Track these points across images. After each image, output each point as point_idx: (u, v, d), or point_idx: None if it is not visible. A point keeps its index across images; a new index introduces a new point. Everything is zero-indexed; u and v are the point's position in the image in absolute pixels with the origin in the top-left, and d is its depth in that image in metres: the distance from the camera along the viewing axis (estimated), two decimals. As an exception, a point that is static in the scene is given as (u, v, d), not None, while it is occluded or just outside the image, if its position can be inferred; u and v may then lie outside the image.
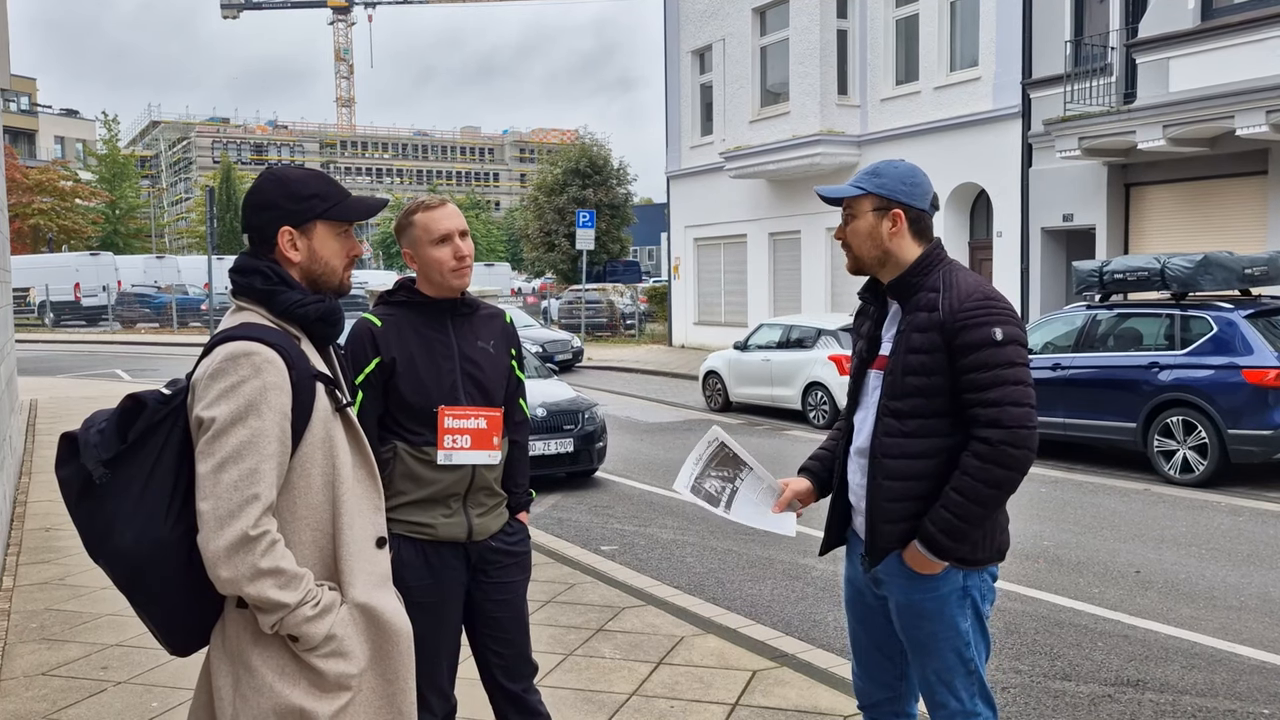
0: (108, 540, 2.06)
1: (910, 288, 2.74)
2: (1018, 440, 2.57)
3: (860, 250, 2.81)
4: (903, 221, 2.76)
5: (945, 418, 2.67)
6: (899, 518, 2.70)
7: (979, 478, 2.58)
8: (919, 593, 2.74)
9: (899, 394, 2.68)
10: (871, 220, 2.78)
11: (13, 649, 5.11)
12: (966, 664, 2.76)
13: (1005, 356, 2.60)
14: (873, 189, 2.77)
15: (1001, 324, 2.62)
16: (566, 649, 5.11)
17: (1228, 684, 4.93)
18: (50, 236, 47.80)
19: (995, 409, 2.58)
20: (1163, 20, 14.46)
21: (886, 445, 2.70)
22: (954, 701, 2.77)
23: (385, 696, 2.20)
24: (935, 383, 2.65)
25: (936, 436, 2.67)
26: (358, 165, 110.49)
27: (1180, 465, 9.89)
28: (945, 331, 2.63)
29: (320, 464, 2.16)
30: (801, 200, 23.00)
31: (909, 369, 2.67)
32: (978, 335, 2.60)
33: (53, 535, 7.38)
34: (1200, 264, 10.09)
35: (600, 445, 10.25)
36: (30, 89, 63.29)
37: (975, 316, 2.62)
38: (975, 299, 2.64)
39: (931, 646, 2.76)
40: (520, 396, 3.19)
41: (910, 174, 2.79)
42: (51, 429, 12.51)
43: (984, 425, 2.59)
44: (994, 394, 2.58)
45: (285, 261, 2.26)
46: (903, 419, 2.68)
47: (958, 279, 2.70)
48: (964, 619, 2.74)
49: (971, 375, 2.60)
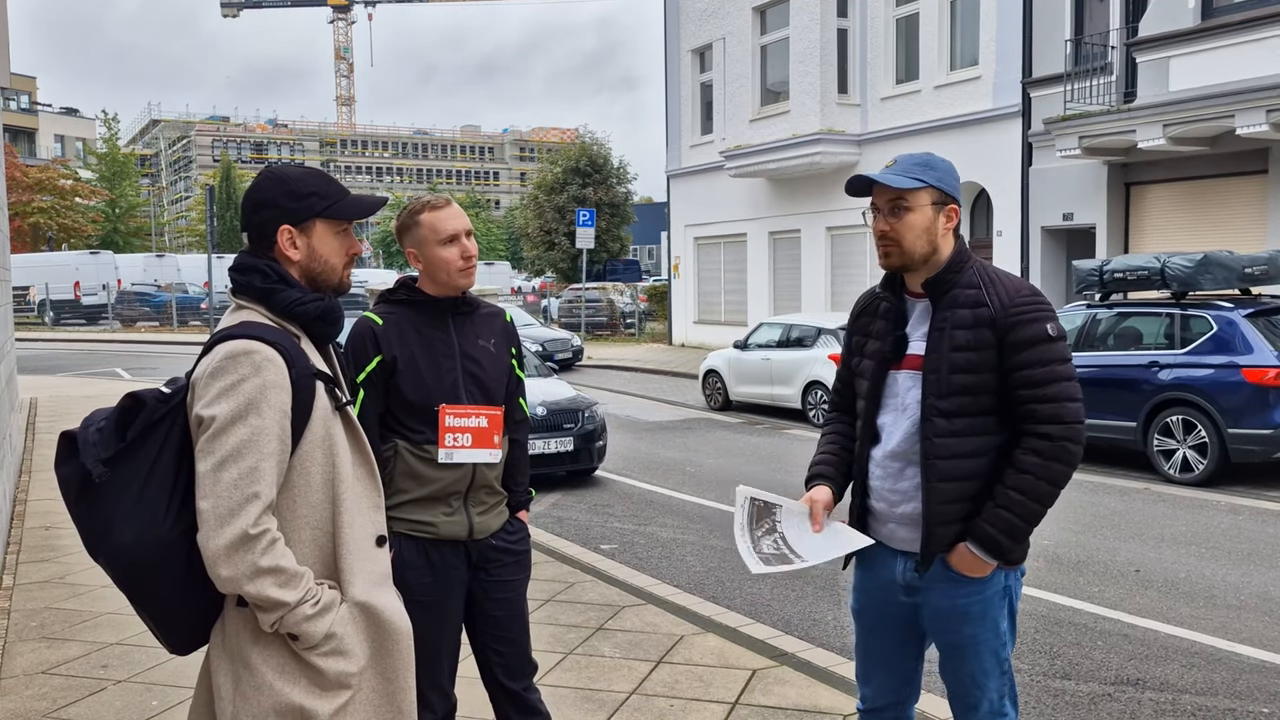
0: (107, 538, 2.06)
1: (946, 284, 2.67)
2: (1076, 435, 2.56)
3: (912, 245, 2.67)
4: (956, 217, 2.72)
5: (991, 416, 2.63)
6: (952, 519, 2.64)
7: (1041, 475, 2.55)
8: (964, 596, 2.68)
9: (945, 393, 2.62)
10: (929, 215, 2.68)
11: (13, 647, 5.11)
12: (1002, 664, 2.73)
13: (1058, 352, 2.58)
14: (933, 182, 2.68)
15: (1051, 320, 2.61)
16: (566, 648, 5.11)
17: (1227, 683, 4.93)
18: (50, 235, 47.79)
19: (1054, 404, 2.55)
20: (1163, 19, 14.45)
21: (937, 447, 2.62)
22: (985, 703, 2.74)
23: (385, 695, 2.20)
24: (983, 380, 2.60)
25: (985, 435, 2.63)
26: (357, 164, 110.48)
27: (1180, 464, 9.89)
28: (996, 328, 2.58)
29: (320, 463, 2.15)
30: (802, 199, 23.01)
31: (955, 367, 2.61)
32: (1032, 331, 2.57)
33: (53, 534, 7.38)
34: (1200, 263, 10.09)
35: (600, 444, 10.25)
36: (30, 88, 63.29)
37: (1028, 312, 2.59)
38: (1025, 295, 2.62)
39: (971, 649, 2.71)
40: (520, 395, 3.19)
41: (952, 168, 2.75)
42: (51, 428, 12.51)
43: (1043, 421, 2.55)
44: (1051, 390, 2.56)
45: (285, 260, 2.26)
46: (951, 419, 2.62)
47: (998, 275, 2.68)
48: (1003, 619, 2.72)
49: (1026, 372, 2.56)
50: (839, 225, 22.06)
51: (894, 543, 2.77)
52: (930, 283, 2.69)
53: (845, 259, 22.26)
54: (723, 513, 8.89)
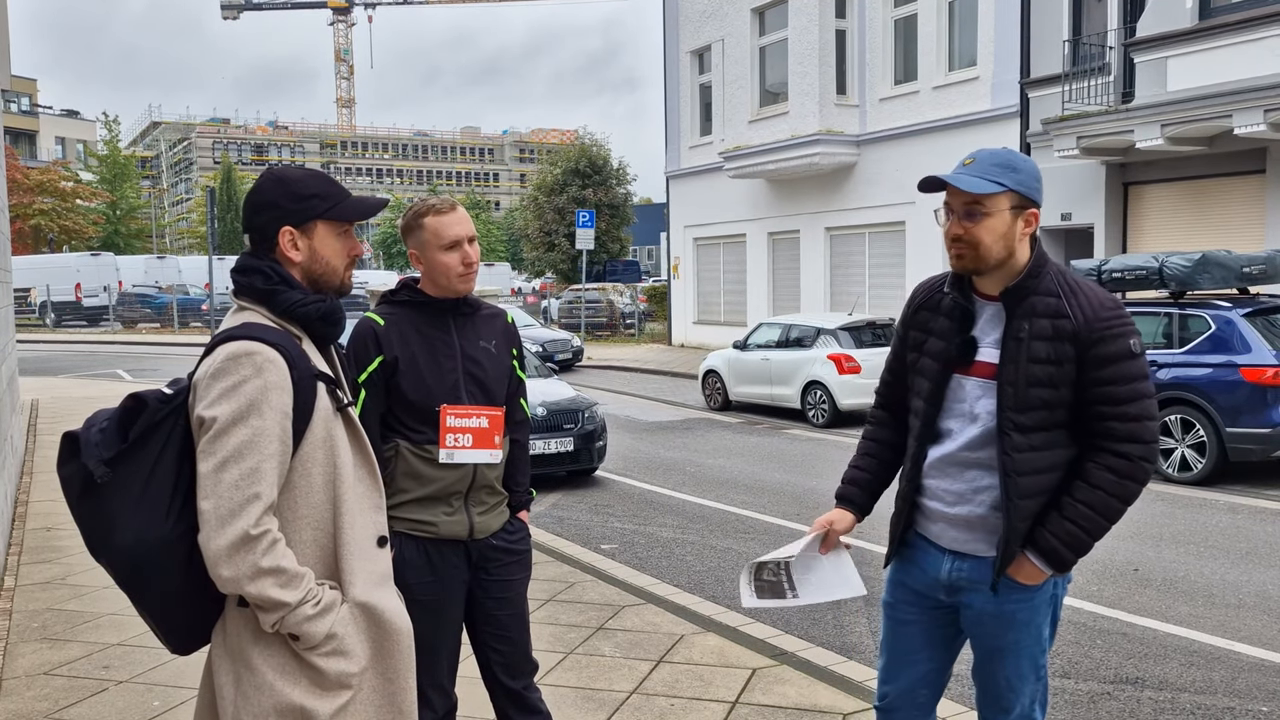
0: (109, 539, 2.07)
1: (1024, 291, 2.57)
2: (1153, 456, 2.54)
3: (989, 250, 2.55)
4: (1036, 222, 2.61)
5: (1064, 429, 2.57)
6: (1026, 533, 2.59)
7: (1114, 492, 2.51)
8: (1014, 602, 2.64)
9: (1023, 407, 2.53)
10: (1008, 219, 2.56)
11: (14, 648, 5.12)
12: (1038, 670, 2.71)
13: (1141, 369, 2.53)
14: (1013, 185, 2.55)
15: (1135, 335, 2.53)
16: (567, 647, 5.12)
17: (1226, 681, 4.95)
18: (51, 237, 47.80)
19: (1135, 424, 2.50)
20: (1161, 19, 14.47)
21: (1018, 462, 2.55)
22: (1018, 707, 2.72)
23: (386, 695, 2.20)
24: (1061, 395, 2.53)
25: (1059, 449, 2.58)
26: (358, 166, 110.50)
27: (1179, 463, 9.91)
28: (1079, 342, 2.50)
29: (321, 463, 2.17)
30: (801, 200, 23.02)
31: (1034, 380, 2.52)
32: (1117, 347, 2.50)
33: (54, 535, 7.40)
34: (1198, 263, 10.11)
35: (600, 444, 10.26)
36: (31, 90, 63.29)
37: (1113, 328, 2.51)
38: (1110, 309, 2.54)
39: (1010, 653, 2.68)
40: (521, 396, 3.20)
41: (1036, 171, 2.63)
42: (52, 429, 12.52)
43: (1122, 440, 2.51)
44: (1134, 408, 2.50)
45: (286, 261, 2.27)
46: (1028, 433, 2.54)
47: (1079, 285, 2.58)
48: (1046, 625, 2.69)
49: (1108, 388, 2.50)
50: (838, 226, 22.08)
51: (943, 541, 2.72)
52: (1009, 290, 2.59)
53: (844, 259, 22.28)
54: (723, 512, 8.90)
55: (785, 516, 8.68)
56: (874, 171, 20.82)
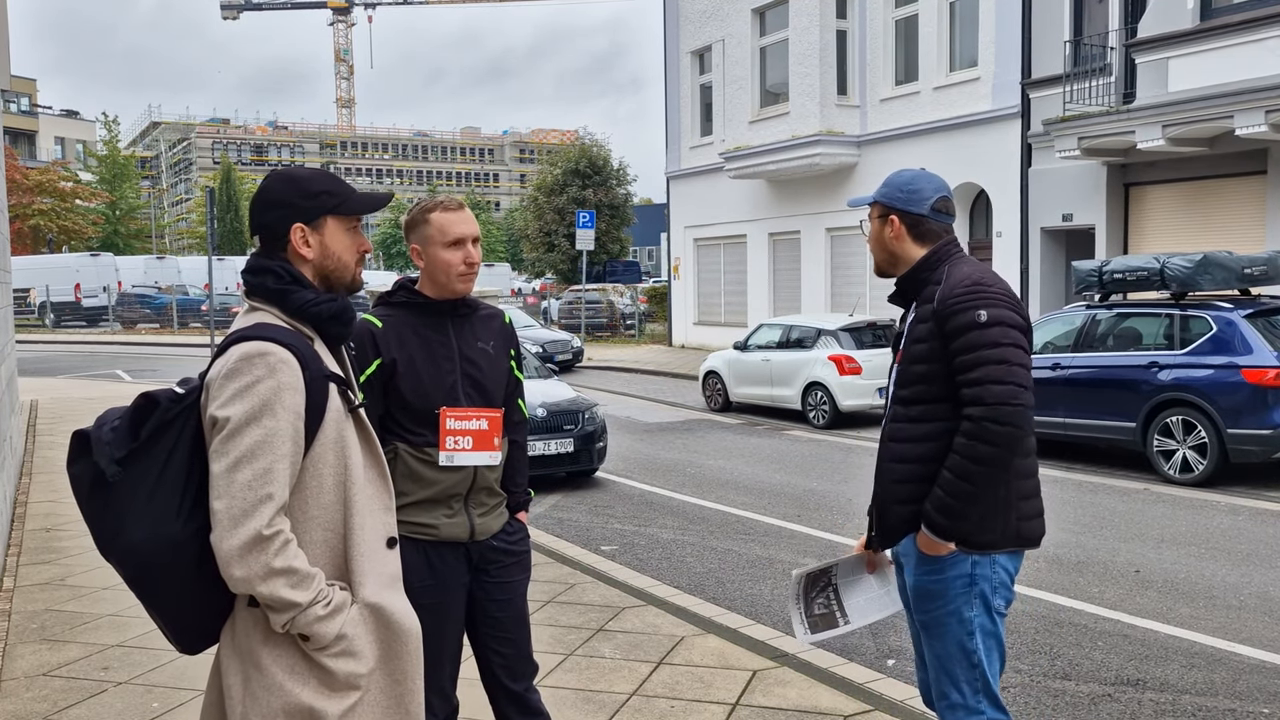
0: (119, 537, 2.07)
1: (918, 284, 2.91)
2: (999, 416, 2.64)
3: (875, 253, 3.03)
4: (899, 225, 2.94)
5: (946, 403, 2.77)
6: (905, 499, 2.83)
7: (966, 454, 2.67)
8: (926, 574, 2.84)
9: (905, 382, 2.86)
10: (877, 226, 3.00)
11: (13, 649, 5.12)
12: (969, 655, 2.79)
13: (989, 337, 2.69)
14: (878, 197, 2.99)
15: (988, 306, 2.72)
16: (567, 649, 5.12)
17: (1227, 683, 4.94)
18: (50, 237, 47.79)
19: (978, 388, 2.67)
20: (1162, 20, 14.47)
21: (894, 430, 2.88)
22: (955, 693, 2.79)
23: (394, 696, 2.21)
24: (934, 370, 2.78)
25: (938, 420, 2.78)
26: (358, 166, 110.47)
27: (1180, 465, 9.90)
28: (938, 319, 2.77)
29: (332, 464, 2.17)
30: (801, 200, 23.02)
31: (912, 358, 2.84)
32: (964, 319, 2.72)
33: (53, 536, 7.39)
34: (1200, 264, 10.10)
35: (600, 445, 10.26)
36: (30, 90, 63.28)
37: (963, 301, 2.74)
38: (964, 285, 2.77)
39: (936, 631, 2.84)
40: (519, 396, 3.20)
41: (910, 182, 2.96)
42: (52, 430, 12.52)
43: (969, 404, 2.69)
44: (977, 373, 2.68)
45: (298, 259, 2.27)
46: (908, 405, 2.84)
47: (954, 270, 2.84)
48: (969, 608, 2.78)
49: (960, 358, 2.72)
50: (838, 226, 22.06)
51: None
52: (901, 283, 2.97)
53: (845, 260, 22.27)
54: (723, 514, 8.90)
55: (786, 518, 8.68)
56: (875, 172, 20.78)
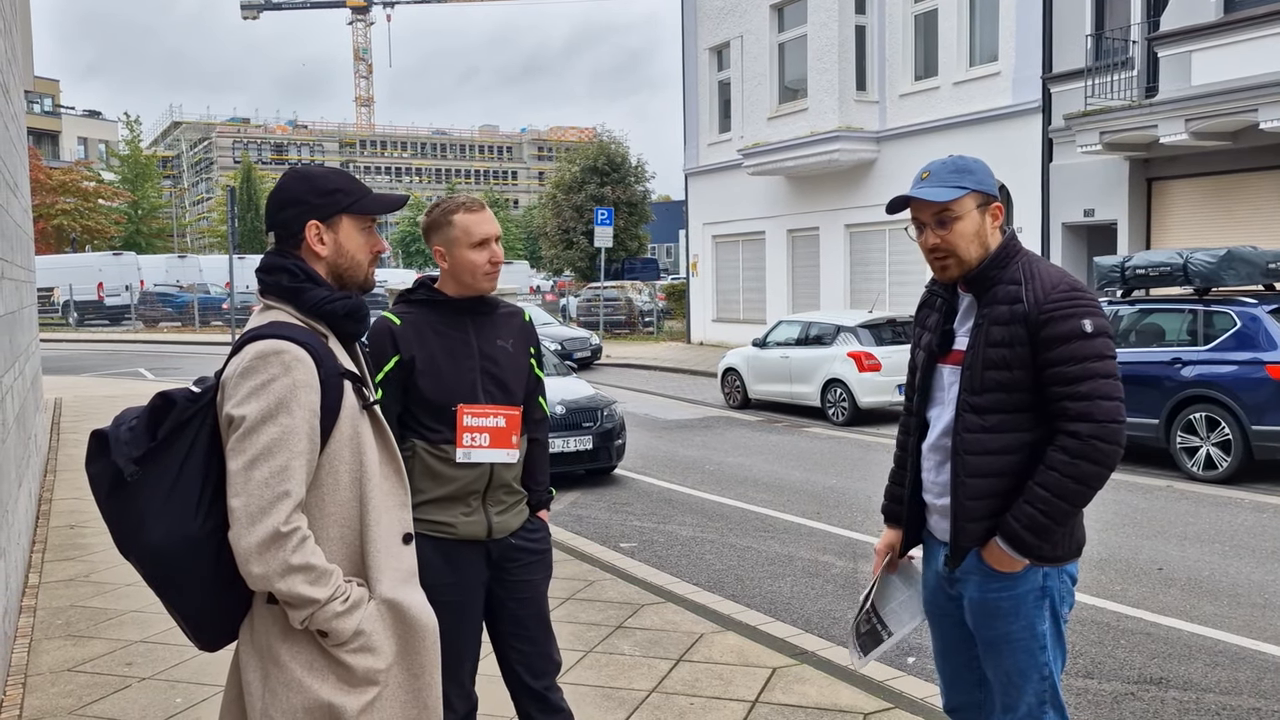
0: (138, 536, 2.08)
1: (989, 280, 2.67)
2: (1108, 435, 2.51)
3: (967, 252, 2.68)
4: (1001, 214, 2.73)
5: (1026, 413, 2.60)
6: (982, 515, 2.63)
7: (1067, 473, 2.52)
8: (995, 590, 2.66)
9: (979, 389, 2.62)
10: (977, 219, 2.69)
11: (39, 645, 5.17)
12: (1040, 668, 2.67)
13: (1095, 349, 2.54)
14: (973, 186, 2.69)
15: (1090, 315, 2.56)
16: (586, 646, 5.12)
17: (1252, 682, 4.90)
18: (74, 237, 48.23)
19: (1086, 402, 2.51)
20: (1184, 13, 14.34)
21: (968, 442, 2.63)
22: (1023, 705, 2.69)
23: (412, 691, 2.22)
24: (1017, 377, 2.59)
25: (1018, 431, 2.61)
26: (377, 164, 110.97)
27: (1203, 462, 9.82)
28: (1030, 324, 2.56)
29: (348, 461, 2.18)
30: (820, 197, 22.95)
31: (989, 363, 2.61)
32: (1066, 327, 2.54)
33: (77, 533, 7.45)
34: (1223, 259, 10.00)
35: (619, 442, 10.26)
36: (53, 90, 63.86)
37: (1064, 308, 2.55)
38: (1061, 290, 2.58)
39: (1005, 647, 2.68)
40: (539, 394, 3.20)
41: (979, 165, 2.75)
42: (76, 428, 12.63)
43: (1074, 419, 2.52)
44: (1084, 387, 2.52)
45: (312, 257, 2.28)
46: (983, 414, 2.62)
47: (1039, 270, 2.64)
48: (1041, 620, 2.66)
49: (1060, 368, 2.54)
50: (858, 223, 21.99)
51: (938, 534, 2.80)
52: (970, 279, 2.69)
53: (864, 256, 22.20)
54: (742, 511, 8.88)
55: (805, 515, 8.66)
56: (894, 168, 20.71)
